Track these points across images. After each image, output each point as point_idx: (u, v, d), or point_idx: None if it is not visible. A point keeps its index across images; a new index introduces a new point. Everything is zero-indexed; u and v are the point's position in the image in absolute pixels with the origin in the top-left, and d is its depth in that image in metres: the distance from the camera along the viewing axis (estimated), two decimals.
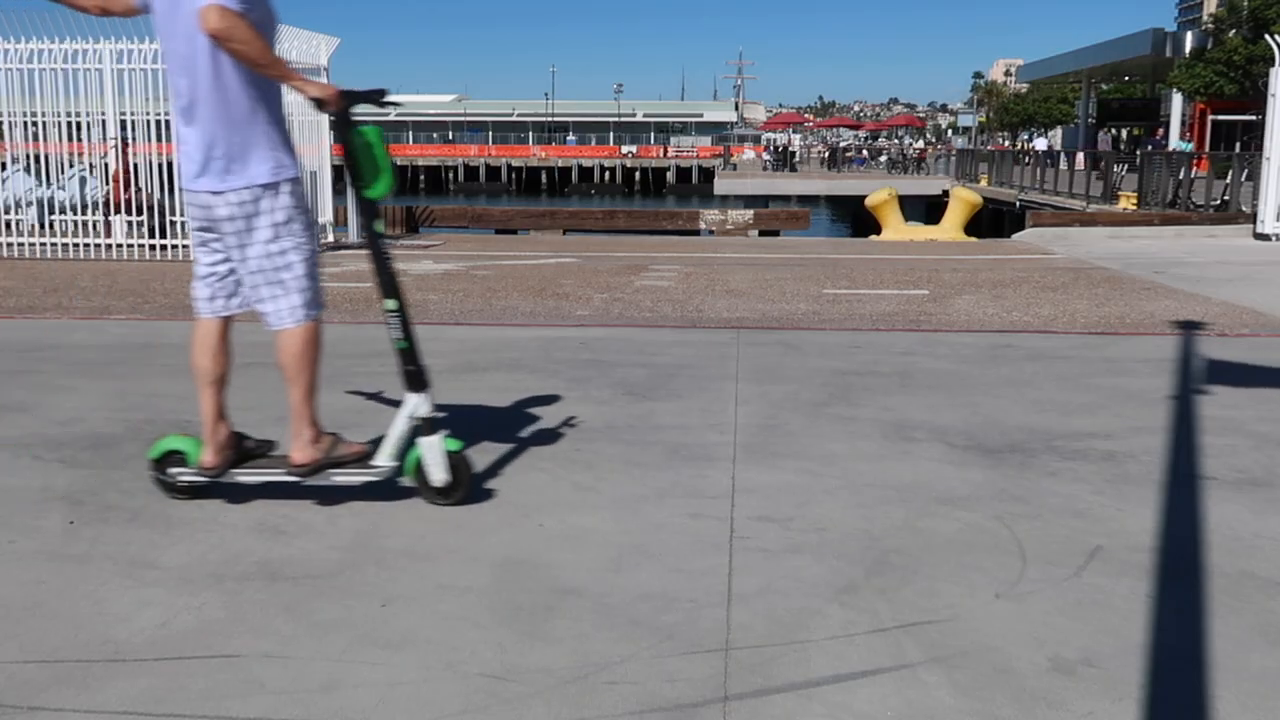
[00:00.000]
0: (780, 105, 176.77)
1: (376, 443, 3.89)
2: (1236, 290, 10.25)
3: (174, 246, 13.43)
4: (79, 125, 13.48)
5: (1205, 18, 52.03)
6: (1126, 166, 26.99)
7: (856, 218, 31.12)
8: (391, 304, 3.64)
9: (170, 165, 13.22)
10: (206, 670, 2.65)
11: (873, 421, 5.08)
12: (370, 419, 5.11)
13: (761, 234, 19.13)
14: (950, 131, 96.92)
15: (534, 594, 3.12)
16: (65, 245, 13.42)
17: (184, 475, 3.82)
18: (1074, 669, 2.68)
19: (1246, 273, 11.91)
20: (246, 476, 3.83)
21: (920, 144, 73.15)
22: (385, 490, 4.04)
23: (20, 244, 13.41)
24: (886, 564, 3.35)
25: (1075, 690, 2.57)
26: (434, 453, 3.75)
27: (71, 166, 14.15)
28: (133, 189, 13.41)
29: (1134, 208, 21.93)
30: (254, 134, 3.58)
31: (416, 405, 3.74)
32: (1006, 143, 74.68)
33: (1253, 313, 8.82)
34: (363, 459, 3.86)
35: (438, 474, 3.77)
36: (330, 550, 3.45)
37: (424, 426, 3.73)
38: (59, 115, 13.42)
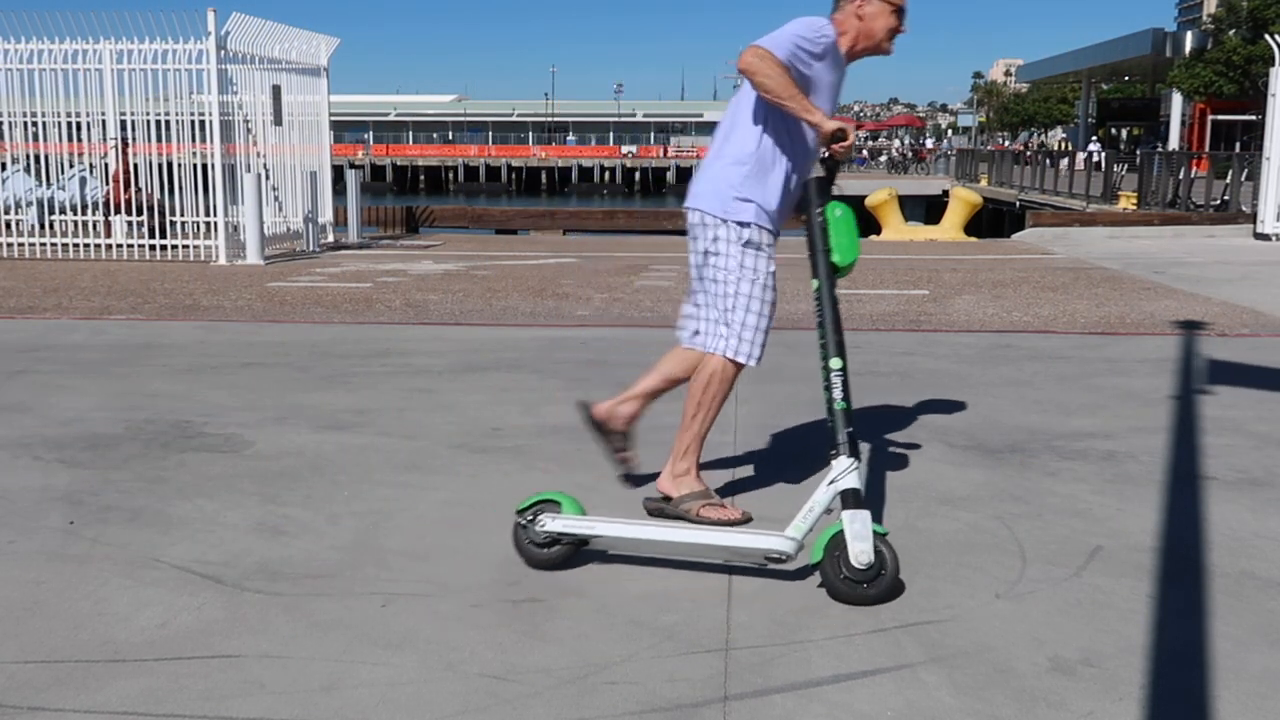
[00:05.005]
0: None
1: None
2: (1236, 290, 10.25)
3: (174, 246, 13.44)
4: (79, 125, 13.49)
5: (1205, 18, 52.04)
6: (1126, 166, 26.99)
7: (856, 218, 31.06)
8: (837, 364, 3.27)
9: (170, 165, 13.24)
10: (206, 670, 2.65)
11: (873, 421, 5.07)
12: (373, 419, 5.11)
13: None
14: (950, 132, 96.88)
15: (534, 594, 3.12)
16: (65, 245, 13.43)
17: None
18: (1074, 669, 2.68)
19: (1246, 273, 11.91)
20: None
21: (929, 143, 73.04)
22: (385, 490, 4.05)
23: (20, 244, 13.42)
24: None
25: (1075, 690, 2.57)
26: (861, 528, 3.10)
27: (71, 167, 14.15)
28: (133, 189, 13.41)
29: (1134, 208, 21.93)
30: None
31: (843, 473, 3.19)
32: (1007, 143, 74.63)
33: (1252, 313, 8.82)
34: (734, 524, 3.55)
35: (863, 554, 3.07)
36: (330, 550, 3.45)
37: (848, 499, 3.16)
38: (59, 115, 13.43)
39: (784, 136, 3.58)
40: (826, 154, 3.49)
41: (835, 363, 3.28)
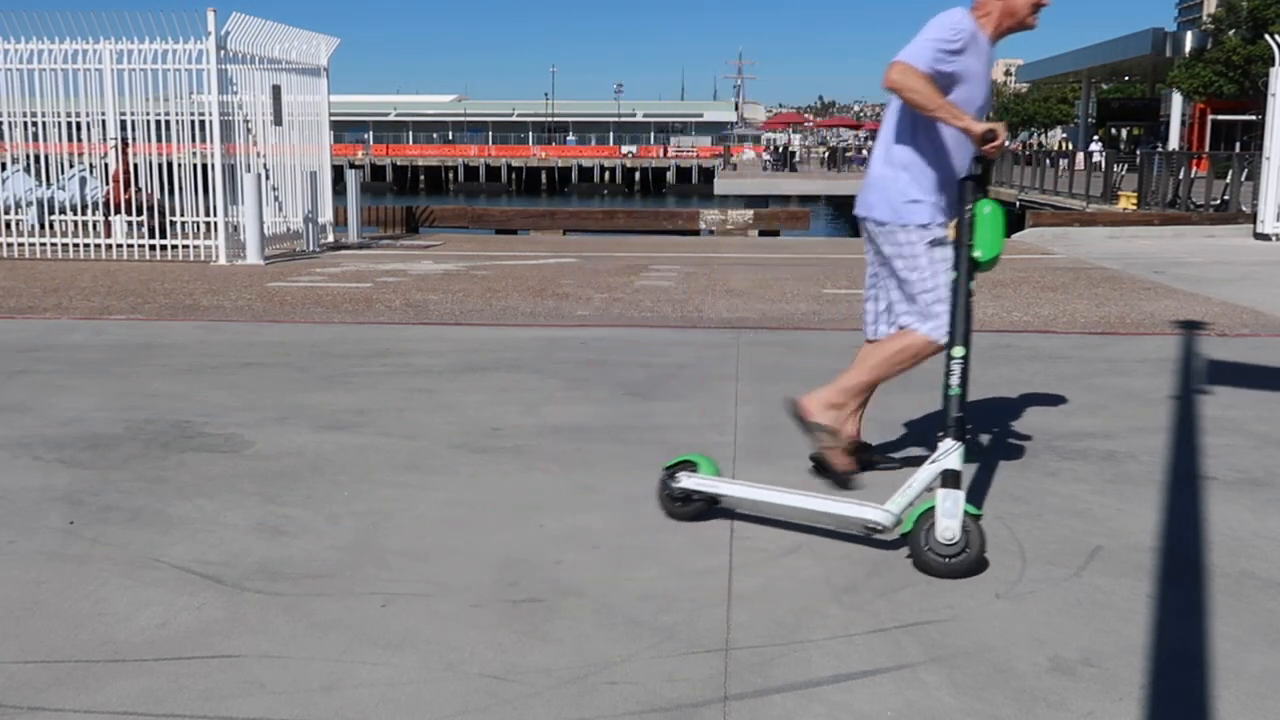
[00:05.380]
0: (780, 105, 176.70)
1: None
2: (1236, 290, 10.25)
3: (174, 246, 13.44)
4: (79, 125, 13.49)
5: (1205, 18, 52.06)
6: (1126, 166, 26.98)
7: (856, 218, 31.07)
8: (959, 351, 3.46)
9: (170, 165, 13.24)
10: (206, 670, 2.65)
11: (873, 421, 5.07)
12: (373, 419, 5.11)
13: (761, 234, 19.14)
14: None
15: (534, 594, 3.12)
16: (65, 245, 13.43)
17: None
18: (1074, 669, 2.68)
19: (1246, 273, 11.91)
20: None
21: None
22: (385, 490, 4.05)
23: (20, 244, 13.42)
24: (886, 564, 3.35)
25: (1075, 690, 2.57)
26: (952, 505, 3.25)
27: (71, 167, 14.15)
28: (133, 189, 13.41)
29: (1134, 208, 21.92)
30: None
31: (945, 453, 3.32)
32: (1008, 142, 74.63)
33: (1252, 313, 8.82)
34: (843, 478, 3.86)
35: (948, 529, 3.23)
36: (330, 550, 3.45)
37: (947, 479, 3.29)
38: (59, 115, 13.43)
39: (938, 138, 3.76)
40: (978, 155, 3.62)
41: (958, 350, 3.47)
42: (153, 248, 13.40)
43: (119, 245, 13.53)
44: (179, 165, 13.27)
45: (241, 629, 2.88)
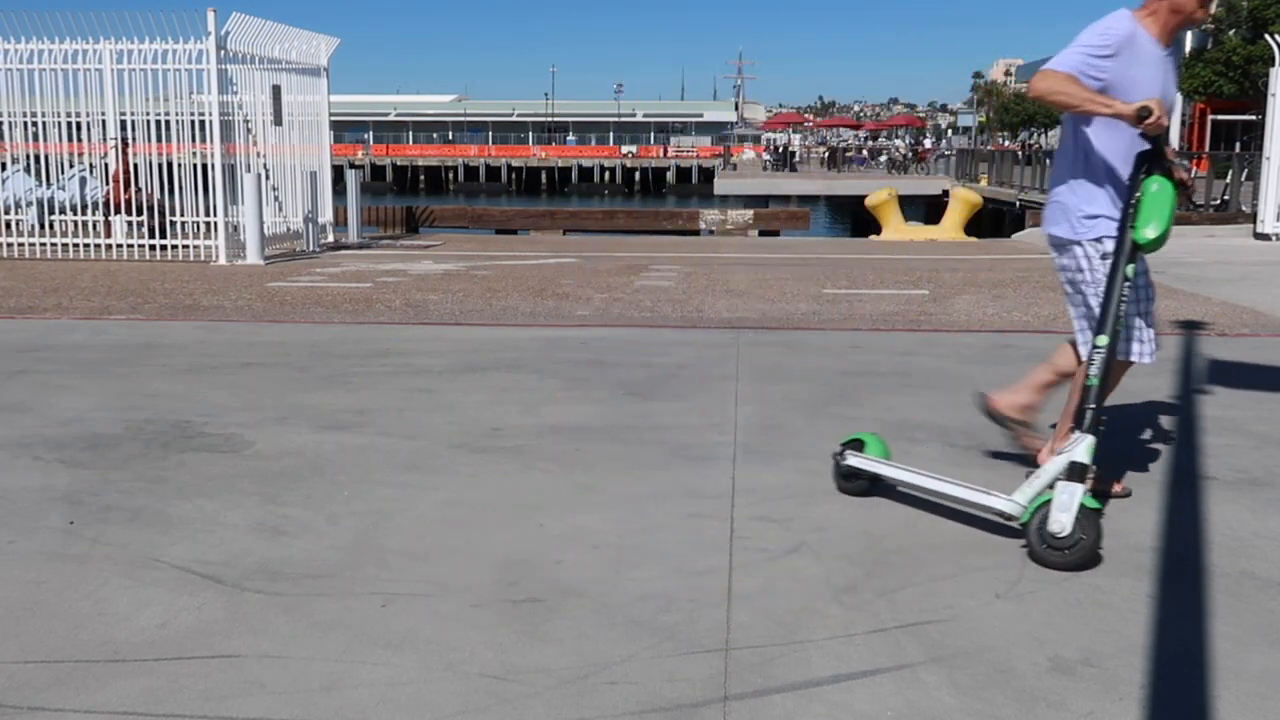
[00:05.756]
0: (780, 105, 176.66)
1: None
2: (1236, 290, 10.25)
3: (174, 246, 13.44)
4: (79, 125, 13.49)
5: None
6: None
7: (856, 218, 31.10)
8: (1102, 340, 3.45)
9: (170, 165, 13.25)
10: (206, 670, 2.65)
11: (873, 421, 5.07)
12: (373, 419, 5.11)
13: (761, 234, 19.15)
14: (950, 131, 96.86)
15: (534, 594, 3.12)
16: (65, 245, 13.43)
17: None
18: (1074, 669, 2.68)
19: (1246, 273, 11.90)
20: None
21: (928, 143, 73.07)
22: (385, 490, 4.05)
23: (20, 244, 13.42)
24: (886, 564, 3.35)
25: (1075, 690, 2.57)
26: (1068, 499, 3.26)
27: (71, 167, 14.15)
28: (133, 189, 13.42)
29: None
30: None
31: (1075, 445, 3.33)
32: (1007, 142, 74.64)
33: (1253, 313, 8.82)
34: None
35: (1059, 521, 3.23)
36: (330, 550, 3.45)
37: (1073, 471, 3.30)
38: (59, 115, 13.43)
39: (1103, 140, 3.70)
40: (1142, 132, 3.53)
41: (1101, 340, 3.46)
42: (153, 248, 13.41)
43: (119, 245, 13.53)
44: (179, 165, 13.28)
45: (241, 629, 2.88)
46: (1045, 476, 3.39)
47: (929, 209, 30.45)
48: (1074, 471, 3.29)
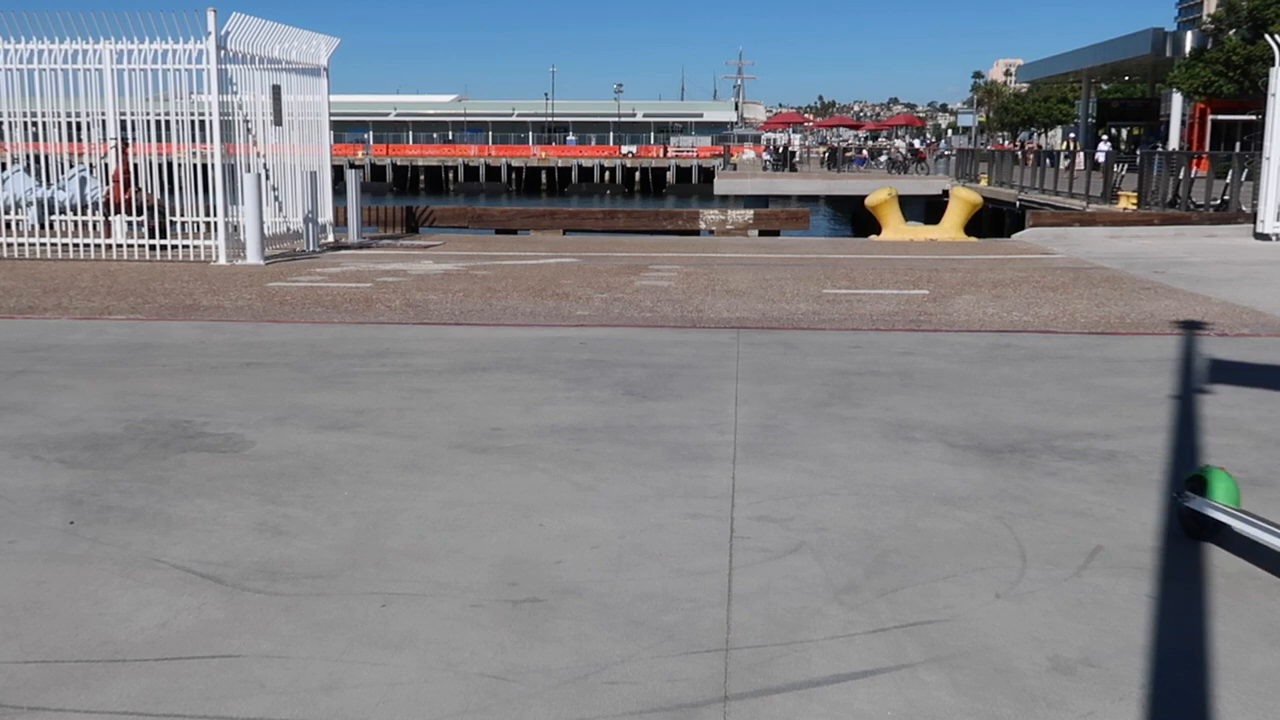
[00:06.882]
0: (780, 105, 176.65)
1: None
2: (1236, 290, 10.24)
3: (174, 246, 13.44)
4: (79, 125, 13.48)
5: (1205, 18, 52.05)
6: (1126, 166, 26.98)
7: (856, 218, 31.11)
8: None
9: (170, 165, 13.24)
10: (206, 670, 2.65)
11: (873, 421, 5.07)
12: (373, 419, 5.11)
13: (761, 234, 19.13)
14: (950, 131, 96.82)
15: (534, 594, 3.12)
16: (65, 245, 13.42)
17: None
18: (1074, 669, 2.68)
19: (1246, 273, 11.90)
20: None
21: (918, 144, 73.06)
22: (385, 490, 4.05)
23: (20, 244, 13.41)
24: (886, 564, 3.35)
25: (1075, 690, 2.57)
26: None
27: (71, 167, 14.15)
28: (133, 189, 13.41)
29: (1134, 208, 21.91)
30: None
31: None
32: (1006, 142, 74.65)
33: (1253, 313, 8.82)
34: None
35: None
36: (330, 550, 3.45)
37: None
38: (59, 115, 13.43)
39: None
40: None
41: None
42: (153, 248, 13.40)
43: (119, 245, 13.52)
44: (179, 165, 13.27)
45: (241, 629, 2.88)
46: None
47: (929, 209, 30.44)
48: None
